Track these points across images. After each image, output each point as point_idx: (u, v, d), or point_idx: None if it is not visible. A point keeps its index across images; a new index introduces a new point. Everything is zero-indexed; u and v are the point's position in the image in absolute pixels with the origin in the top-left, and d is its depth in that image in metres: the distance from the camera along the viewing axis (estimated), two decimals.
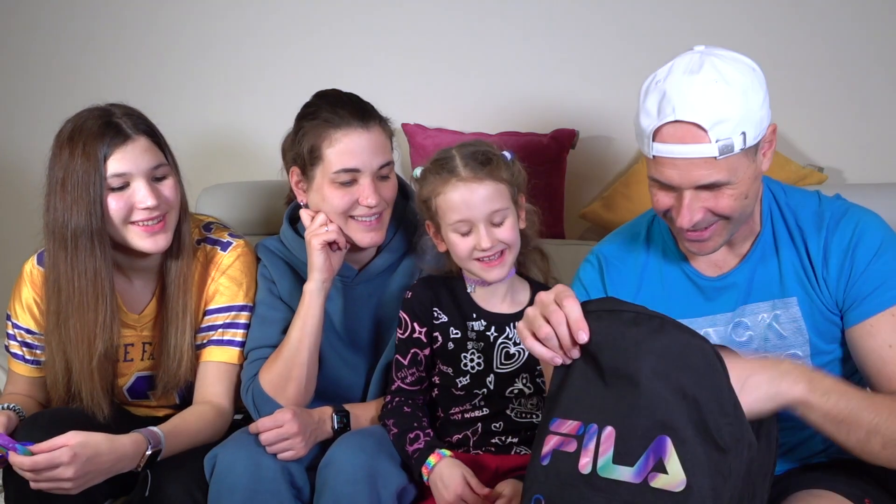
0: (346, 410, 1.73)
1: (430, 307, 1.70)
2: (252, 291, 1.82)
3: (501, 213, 1.60)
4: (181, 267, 1.75)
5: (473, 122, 2.35)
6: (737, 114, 1.33)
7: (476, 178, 1.59)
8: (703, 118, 1.32)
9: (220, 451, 1.61)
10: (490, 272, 1.62)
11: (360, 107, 1.72)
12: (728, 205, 1.38)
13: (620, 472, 1.15)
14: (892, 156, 2.28)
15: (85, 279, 1.65)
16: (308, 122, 1.72)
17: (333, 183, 1.70)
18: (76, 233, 1.63)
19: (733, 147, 1.33)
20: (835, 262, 1.44)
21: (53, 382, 1.74)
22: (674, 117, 1.33)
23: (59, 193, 1.63)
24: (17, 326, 1.80)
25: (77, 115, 1.68)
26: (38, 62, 2.61)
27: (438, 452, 1.60)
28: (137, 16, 2.54)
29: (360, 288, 1.82)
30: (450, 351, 1.69)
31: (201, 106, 2.52)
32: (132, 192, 1.65)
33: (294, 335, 1.71)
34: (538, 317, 1.25)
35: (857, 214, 1.46)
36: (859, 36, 2.25)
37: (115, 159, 1.63)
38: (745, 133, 1.34)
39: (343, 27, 2.44)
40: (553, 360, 1.25)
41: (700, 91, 1.33)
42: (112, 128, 1.64)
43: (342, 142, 1.68)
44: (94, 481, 1.51)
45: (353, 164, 1.69)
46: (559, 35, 2.37)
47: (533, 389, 1.67)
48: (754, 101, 1.35)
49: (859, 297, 1.42)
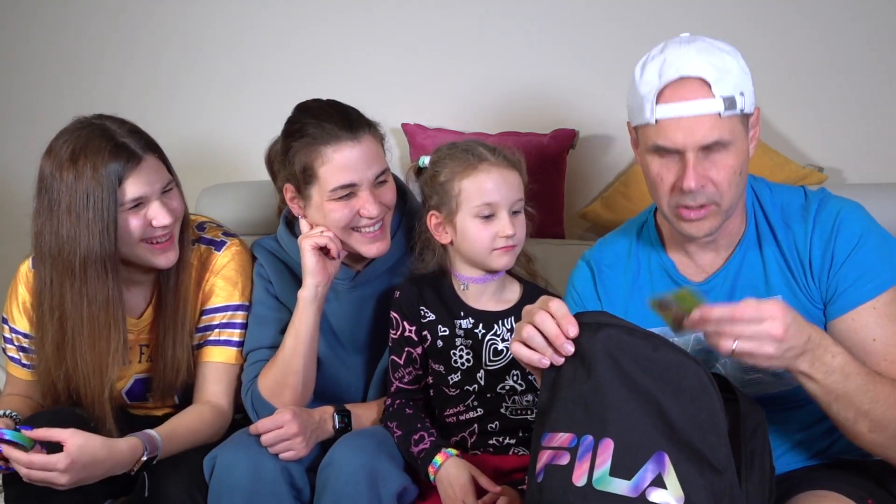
0: (348, 410, 1.73)
1: (417, 305, 1.71)
2: (248, 290, 1.82)
3: (520, 206, 1.64)
4: (182, 277, 1.74)
5: (473, 122, 2.35)
6: (736, 72, 1.37)
7: (505, 165, 1.63)
8: (708, 73, 1.35)
9: (220, 452, 1.61)
10: (501, 259, 1.63)
11: (346, 117, 1.69)
12: (726, 177, 1.38)
13: (617, 485, 1.14)
14: (892, 156, 2.27)
15: (96, 306, 1.62)
16: (296, 140, 1.69)
17: (332, 200, 1.68)
18: (85, 260, 1.59)
19: (735, 104, 1.36)
20: (817, 254, 1.44)
21: (55, 398, 1.73)
22: (678, 74, 1.36)
23: (64, 218, 1.59)
24: (15, 331, 1.79)
25: (71, 134, 1.62)
26: (31, 67, 2.60)
27: (445, 452, 1.60)
28: (132, 16, 2.53)
29: (360, 290, 1.82)
30: (439, 348, 1.69)
31: (200, 106, 2.52)
32: (148, 211, 1.63)
33: (288, 343, 1.71)
34: (524, 324, 1.26)
35: (837, 205, 1.46)
36: (859, 36, 2.25)
37: (131, 183, 1.60)
38: (743, 94, 1.37)
39: (343, 27, 2.44)
40: (540, 361, 1.25)
41: (698, 52, 1.38)
42: (122, 150, 1.60)
43: (334, 159, 1.66)
44: (86, 482, 1.52)
45: (349, 180, 1.66)
46: (559, 35, 2.36)
47: (525, 386, 1.68)
48: (744, 67, 1.40)
49: (839, 289, 1.42)
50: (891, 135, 2.27)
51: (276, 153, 1.79)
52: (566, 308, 1.25)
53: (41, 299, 1.67)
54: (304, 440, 1.61)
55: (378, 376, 1.81)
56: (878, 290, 1.40)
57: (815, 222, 1.45)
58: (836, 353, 1.27)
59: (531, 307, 1.27)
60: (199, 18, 2.49)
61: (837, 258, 1.43)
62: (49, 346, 1.67)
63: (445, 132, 2.32)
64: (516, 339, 1.27)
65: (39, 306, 1.68)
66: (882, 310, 1.39)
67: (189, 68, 2.50)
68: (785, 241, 1.47)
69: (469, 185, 1.62)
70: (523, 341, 1.26)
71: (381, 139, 1.74)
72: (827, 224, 1.44)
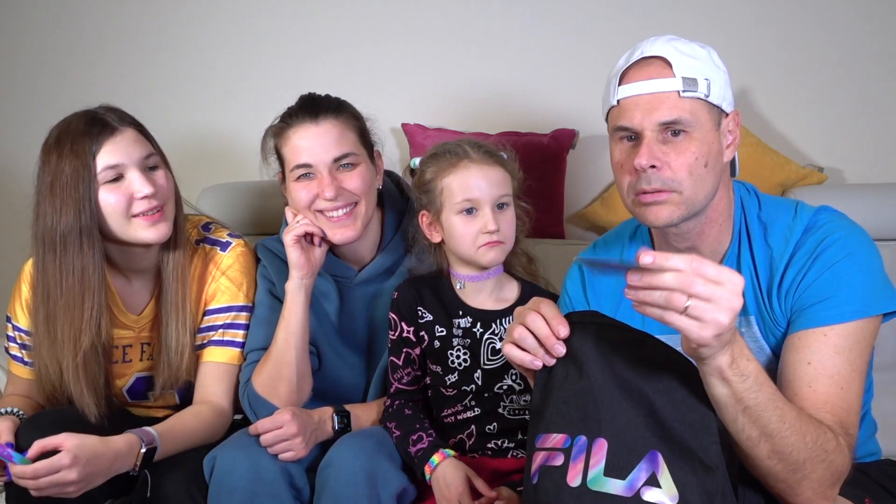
0: (347, 411, 1.73)
1: (414, 306, 1.71)
2: (252, 291, 1.82)
3: (506, 201, 1.63)
4: (178, 259, 1.74)
5: (473, 122, 2.35)
6: (702, 60, 1.37)
7: (487, 161, 1.63)
8: (670, 53, 1.36)
9: (219, 453, 1.60)
10: (487, 254, 1.63)
11: (312, 102, 1.74)
12: (685, 163, 1.34)
13: (612, 485, 1.14)
14: (892, 156, 2.28)
15: (73, 278, 1.63)
16: (272, 126, 1.78)
17: (293, 181, 1.73)
18: (64, 234, 1.61)
19: (697, 86, 1.35)
20: (791, 273, 1.38)
21: (51, 392, 1.73)
22: (641, 55, 1.38)
23: (48, 198, 1.61)
24: (18, 329, 1.79)
25: (61, 121, 1.67)
26: (30, 64, 2.60)
27: (442, 452, 1.60)
28: (131, 14, 2.53)
29: (360, 289, 1.82)
30: (436, 349, 1.69)
31: (200, 106, 2.51)
32: (128, 183, 1.64)
33: (280, 335, 1.72)
34: (516, 325, 1.26)
35: (829, 230, 1.38)
36: (859, 36, 2.25)
37: (106, 152, 1.62)
38: (709, 81, 1.36)
39: (343, 26, 2.44)
40: (532, 363, 1.25)
41: (668, 40, 1.39)
42: (98, 123, 1.63)
43: (292, 139, 1.72)
44: (95, 483, 1.51)
45: (303, 160, 1.71)
46: (560, 35, 2.37)
47: (523, 386, 1.67)
48: (719, 65, 1.39)
49: (800, 308, 1.36)
50: (891, 135, 2.27)
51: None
52: (557, 309, 1.24)
53: (35, 283, 1.69)
54: (304, 440, 1.61)
55: (378, 375, 1.82)
56: (835, 320, 1.32)
57: (797, 245, 1.39)
58: (751, 358, 1.16)
59: (522, 308, 1.27)
60: (198, 18, 2.49)
61: (808, 278, 1.36)
62: (40, 328, 1.68)
63: (445, 132, 2.32)
64: (508, 340, 1.27)
65: (35, 289, 1.69)
66: (833, 340, 1.31)
67: (188, 68, 2.50)
68: (760, 258, 1.42)
69: (451, 182, 1.63)
70: (515, 342, 1.26)
71: (355, 126, 1.75)
72: (810, 247, 1.38)
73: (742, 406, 1.16)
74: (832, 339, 1.31)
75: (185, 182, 1.80)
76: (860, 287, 1.33)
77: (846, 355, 1.30)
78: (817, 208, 1.43)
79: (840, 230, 1.38)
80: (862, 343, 1.32)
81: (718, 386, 1.15)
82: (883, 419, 1.56)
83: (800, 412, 1.21)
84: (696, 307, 1.05)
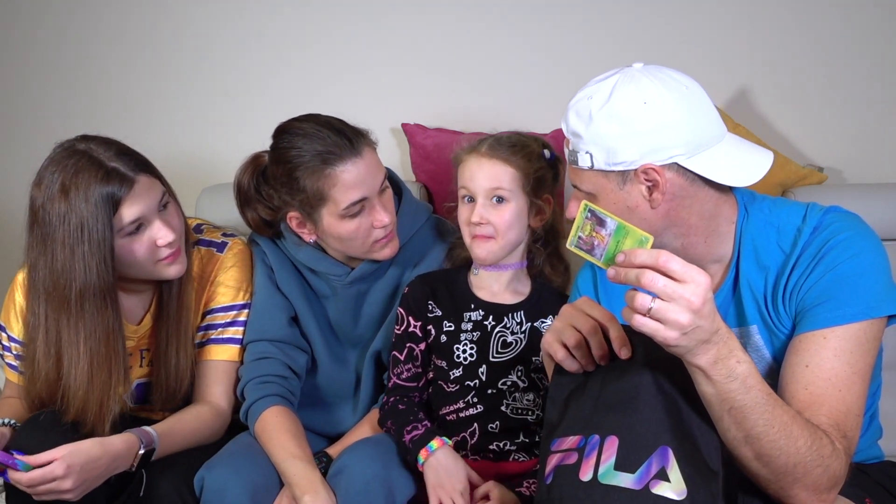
0: (329, 455, 1.72)
1: (425, 302, 1.72)
2: (251, 289, 1.83)
3: (503, 195, 1.63)
4: (184, 285, 1.72)
5: (473, 122, 2.34)
6: (584, 133, 1.36)
7: (490, 155, 1.64)
8: (565, 127, 1.40)
9: (207, 473, 1.58)
10: (473, 248, 1.66)
11: (342, 135, 1.68)
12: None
13: (622, 478, 1.14)
14: (892, 156, 2.28)
15: (94, 340, 1.57)
16: (299, 169, 1.67)
17: (344, 217, 1.69)
18: (82, 293, 1.55)
19: (577, 161, 1.37)
20: (795, 274, 1.36)
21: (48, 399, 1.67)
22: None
23: (59, 251, 1.54)
24: (13, 339, 1.76)
25: (59, 164, 1.56)
26: (36, 71, 2.60)
27: (441, 438, 1.60)
28: (135, 19, 2.53)
29: (356, 286, 1.83)
30: (443, 344, 1.70)
31: (200, 106, 2.51)
32: (150, 232, 1.61)
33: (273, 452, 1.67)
34: (569, 328, 1.25)
35: (835, 230, 1.36)
36: (859, 36, 2.25)
37: (127, 206, 1.56)
38: (590, 153, 1.35)
39: (343, 27, 2.44)
40: (576, 369, 1.26)
41: (570, 107, 1.41)
42: (114, 175, 1.55)
43: (342, 179, 1.66)
44: (94, 485, 1.51)
45: (360, 196, 1.67)
46: (559, 35, 2.36)
47: (528, 383, 1.67)
48: (607, 127, 1.34)
49: (803, 310, 1.34)
50: (891, 135, 2.27)
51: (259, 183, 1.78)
52: (621, 329, 1.23)
53: (34, 335, 1.62)
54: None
55: (369, 364, 1.83)
56: (836, 322, 1.30)
57: (804, 246, 1.36)
58: (742, 359, 1.15)
59: (575, 312, 1.27)
60: (199, 22, 2.49)
61: (811, 280, 1.34)
62: (41, 384, 1.62)
63: (445, 132, 2.32)
64: (557, 338, 1.27)
65: (32, 342, 1.62)
66: (832, 342, 1.29)
67: (189, 70, 2.50)
68: (770, 268, 1.39)
69: (459, 172, 1.68)
70: (564, 343, 1.26)
71: (374, 145, 1.74)
72: (814, 249, 1.35)
73: (727, 406, 1.16)
74: (832, 342, 1.29)
75: (186, 182, 1.80)
76: (864, 289, 1.30)
77: (846, 357, 1.28)
78: (826, 208, 1.41)
79: (846, 231, 1.35)
80: (865, 345, 1.30)
81: (704, 384, 1.16)
82: (883, 419, 1.54)
83: (794, 416, 1.19)
84: (659, 308, 1.08)
